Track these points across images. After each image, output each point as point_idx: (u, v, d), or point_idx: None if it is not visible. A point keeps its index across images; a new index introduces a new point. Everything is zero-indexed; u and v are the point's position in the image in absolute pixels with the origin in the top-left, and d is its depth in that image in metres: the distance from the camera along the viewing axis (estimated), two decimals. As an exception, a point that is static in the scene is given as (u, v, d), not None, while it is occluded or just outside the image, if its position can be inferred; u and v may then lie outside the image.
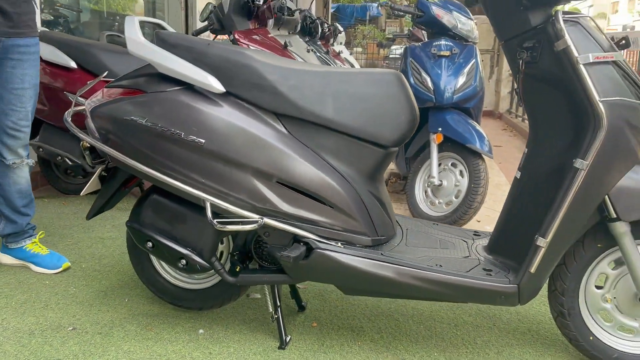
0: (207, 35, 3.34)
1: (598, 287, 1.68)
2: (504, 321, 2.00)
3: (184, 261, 1.66)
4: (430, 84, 3.01)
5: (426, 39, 3.36)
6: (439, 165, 3.00)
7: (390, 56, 15.82)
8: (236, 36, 2.84)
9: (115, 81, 1.72)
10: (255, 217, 1.55)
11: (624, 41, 1.50)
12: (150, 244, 1.70)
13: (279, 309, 1.77)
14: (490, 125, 7.74)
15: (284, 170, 1.55)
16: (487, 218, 3.30)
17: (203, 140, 1.54)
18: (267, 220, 1.55)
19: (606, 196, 1.49)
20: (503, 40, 1.61)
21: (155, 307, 1.99)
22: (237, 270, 1.72)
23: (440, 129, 2.96)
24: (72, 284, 2.15)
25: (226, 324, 1.90)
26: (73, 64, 2.96)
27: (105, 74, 1.74)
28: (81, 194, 1.88)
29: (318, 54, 3.91)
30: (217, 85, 1.55)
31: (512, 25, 1.56)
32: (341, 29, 6.02)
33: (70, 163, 3.07)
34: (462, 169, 2.97)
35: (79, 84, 2.97)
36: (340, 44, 5.97)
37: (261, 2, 2.94)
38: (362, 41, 17.86)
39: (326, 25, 5.06)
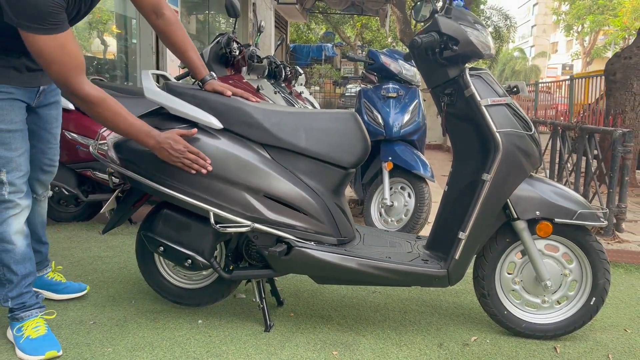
0: (188, 81, 3.82)
1: (509, 273, 2.20)
2: (443, 308, 2.50)
3: (189, 261, 2.10)
4: (380, 121, 3.56)
5: (377, 82, 3.94)
6: (390, 189, 3.53)
7: (346, 94, 16.53)
8: (216, 81, 3.33)
9: (132, 120, 2.17)
10: (248, 222, 2.01)
11: (515, 89, 2.08)
12: (162, 248, 2.13)
13: (263, 300, 2.22)
14: (440, 157, 8.42)
15: (269, 187, 2.03)
16: (433, 234, 3.82)
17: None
18: (256, 225, 2.02)
19: (508, 201, 2.04)
20: (430, 87, 2.16)
21: (159, 306, 2.40)
22: (231, 268, 2.18)
23: (390, 158, 3.50)
24: (94, 294, 2.55)
25: (220, 315, 2.33)
26: (71, 106, 3.37)
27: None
28: (101, 211, 2.30)
29: (283, 95, 4.44)
30: (216, 123, 2.03)
31: (436, 77, 2.11)
32: (301, 71, 6.60)
33: (66, 193, 3.46)
34: (409, 191, 3.51)
35: (76, 124, 3.39)
36: (301, 84, 6.55)
37: (237, 53, 3.46)
38: (318, 80, 18.59)
39: (288, 68, 5.62)
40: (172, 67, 6.29)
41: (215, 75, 2.17)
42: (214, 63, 3.49)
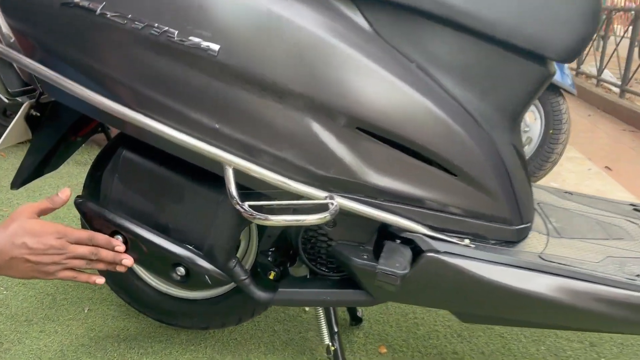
0: None
1: None
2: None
3: (181, 269, 0.94)
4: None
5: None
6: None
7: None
8: None
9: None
10: (321, 195, 0.82)
11: None
12: (119, 237, 0.96)
13: (336, 337, 1.07)
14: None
15: (368, 105, 0.82)
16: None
17: (216, 47, 0.79)
18: (340, 201, 0.82)
19: None
20: None
21: (132, 324, 1.28)
22: (272, 277, 1.01)
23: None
24: (3, 285, 1.42)
25: (246, 352, 1.20)
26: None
27: None
28: (-4, 148, 1.12)
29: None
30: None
31: None
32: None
33: (6, 101, 2.26)
34: (533, 109, 2.27)
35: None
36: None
37: None
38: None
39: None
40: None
41: None
42: None
